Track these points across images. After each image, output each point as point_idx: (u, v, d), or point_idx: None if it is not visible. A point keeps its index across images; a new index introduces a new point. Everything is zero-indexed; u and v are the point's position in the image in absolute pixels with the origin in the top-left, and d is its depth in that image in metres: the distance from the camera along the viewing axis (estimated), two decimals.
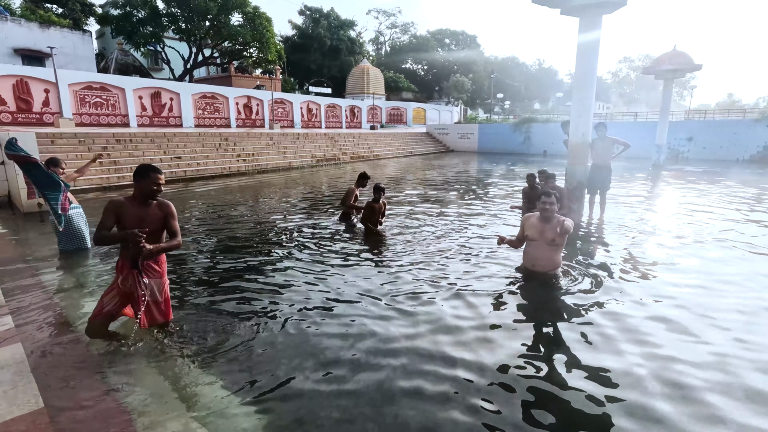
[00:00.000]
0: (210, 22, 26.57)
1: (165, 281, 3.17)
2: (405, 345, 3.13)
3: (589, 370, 2.80)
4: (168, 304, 3.23)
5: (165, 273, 3.19)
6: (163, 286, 3.14)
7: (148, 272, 3.04)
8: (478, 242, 5.86)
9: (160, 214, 3.01)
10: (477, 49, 59.13)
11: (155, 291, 3.08)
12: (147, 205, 2.98)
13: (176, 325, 3.36)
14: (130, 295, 3.03)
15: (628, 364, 2.86)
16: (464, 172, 15.91)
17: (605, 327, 3.38)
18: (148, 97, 19.34)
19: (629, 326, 3.40)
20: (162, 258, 3.16)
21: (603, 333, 3.29)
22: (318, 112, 28.87)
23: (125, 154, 12.96)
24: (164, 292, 3.16)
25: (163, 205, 3.04)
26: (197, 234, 6.52)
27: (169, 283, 3.25)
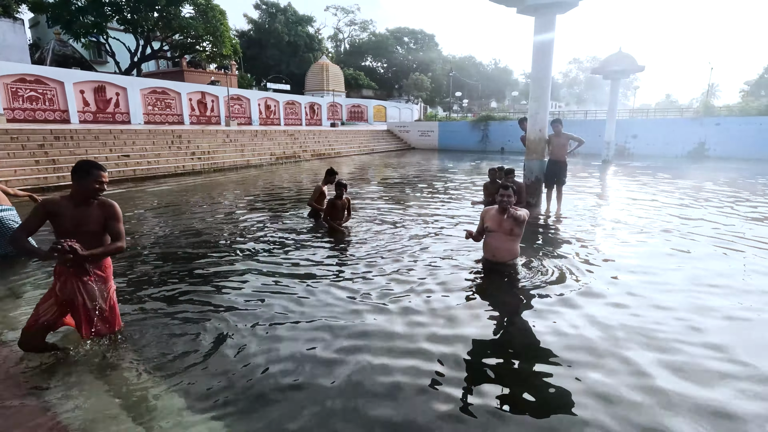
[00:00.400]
0: (158, 14, 25.19)
1: (111, 286, 2.92)
2: (373, 343, 3.06)
3: (550, 353, 2.87)
4: (115, 311, 2.97)
5: (111, 277, 2.93)
6: (109, 291, 2.89)
7: (91, 278, 2.78)
8: (442, 237, 5.89)
9: (101, 215, 2.76)
10: (435, 48, 59.96)
11: (99, 298, 2.82)
12: (87, 205, 2.71)
13: (125, 334, 3.11)
14: (70, 303, 2.75)
15: (587, 346, 2.97)
16: (426, 169, 16.04)
17: (564, 312, 3.50)
18: (91, 91, 18.07)
19: (587, 312, 3.52)
20: (107, 261, 2.90)
21: (563, 318, 3.39)
22: (277, 109, 28.18)
23: (65, 152, 12.03)
24: (110, 298, 2.90)
25: (105, 206, 2.78)
26: (149, 236, 6.13)
27: (116, 288, 3.00)
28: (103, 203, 2.78)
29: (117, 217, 2.82)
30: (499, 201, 4.33)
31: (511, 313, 3.65)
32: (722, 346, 2.99)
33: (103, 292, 2.85)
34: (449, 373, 2.69)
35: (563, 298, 3.82)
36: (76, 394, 2.47)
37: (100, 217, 2.76)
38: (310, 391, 2.52)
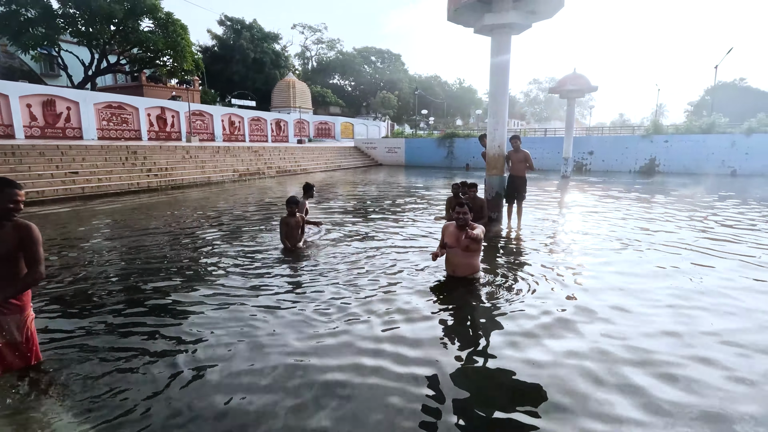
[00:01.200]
0: (116, 27, 24.39)
1: (28, 315, 2.61)
2: (332, 362, 2.87)
3: (509, 361, 2.77)
4: (33, 343, 2.68)
5: (28, 305, 2.63)
6: (25, 322, 2.59)
7: (3, 308, 2.48)
8: (403, 252, 5.78)
9: (15, 237, 2.47)
10: (402, 68, 61.23)
11: (12, 329, 2.53)
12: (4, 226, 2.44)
13: (47, 369, 2.78)
14: None
15: (544, 354, 2.91)
16: (391, 184, 16.05)
17: (524, 323, 3.45)
18: (39, 105, 17.12)
19: (545, 322, 3.50)
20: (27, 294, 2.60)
21: (522, 329, 3.34)
22: (241, 125, 27.68)
23: (6, 168, 11.23)
24: (26, 329, 2.61)
25: (20, 228, 2.49)
26: (91, 258, 5.69)
27: (34, 317, 2.68)
28: (17, 225, 2.49)
29: (34, 239, 2.52)
30: (455, 218, 4.44)
31: (473, 328, 3.57)
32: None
33: (18, 322, 2.55)
34: (408, 394, 2.54)
35: (523, 312, 3.77)
36: None
37: (14, 240, 2.47)
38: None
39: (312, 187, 6.75)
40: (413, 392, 2.62)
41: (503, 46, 7.43)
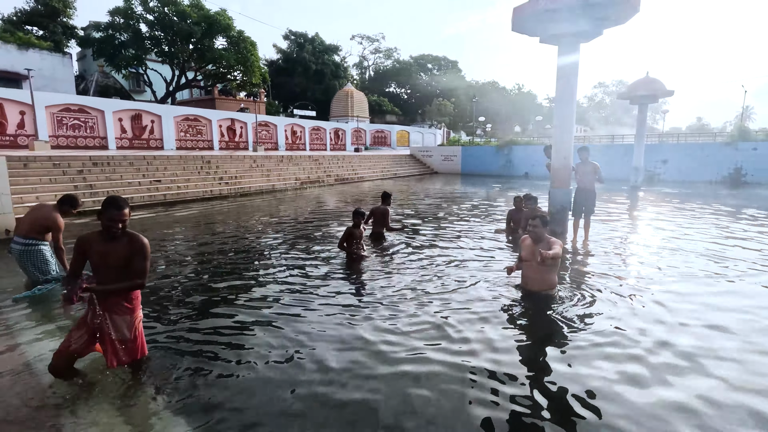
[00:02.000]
0: (194, 46, 26.63)
1: (137, 316, 2.93)
2: (397, 369, 2.97)
3: (573, 384, 2.70)
4: (140, 341, 2.98)
5: (138, 307, 2.95)
6: (134, 322, 2.90)
7: (116, 309, 2.82)
8: (467, 265, 5.77)
9: (126, 250, 2.74)
10: (458, 74, 60.83)
11: (123, 329, 2.85)
12: (114, 240, 2.72)
13: (149, 364, 3.14)
14: (100, 331, 2.81)
15: (614, 378, 2.79)
16: (449, 193, 15.98)
17: (598, 344, 3.33)
18: (128, 119, 19.06)
19: (619, 342, 3.36)
20: (135, 293, 2.92)
21: (594, 350, 3.22)
22: (302, 134, 28.92)
23: (102, 177, 12.62)
24: (135, 328, 2.91)
25: (134, 242, 2.77)
26: (175, 262, 6.27)
27: (142, 318, 3.03)
28: (132, 239, 2.78)
29: (143, 254, 2.78)
30: (529, 232, 4.43)
31: (539, 341, 3.51)
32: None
33: (129, 323, 2.87)
34: (480, 395, 2.57)
35: (597, 330, 3.64)
36: (96, 427, 2.47)
37: (125, 253, 2.74)
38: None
39: (390, 196, 7.40)
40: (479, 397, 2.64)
41: (571, 53, 7.21)
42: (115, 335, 2.81)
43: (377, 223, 7.27)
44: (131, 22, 25.57)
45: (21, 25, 29.97)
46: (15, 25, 29.61)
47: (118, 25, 25.47)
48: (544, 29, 7.35)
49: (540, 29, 7.46)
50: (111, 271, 2.70)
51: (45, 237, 4.81)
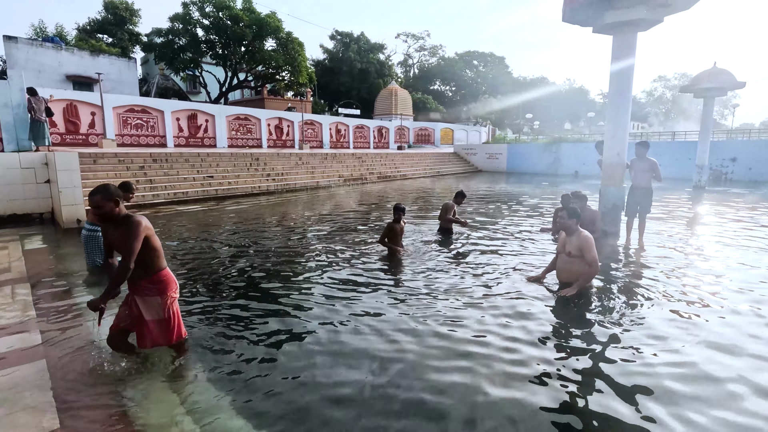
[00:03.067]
0: (245, 48, 27.76)
1: (168, 298, 2.98)
2: (430, 363, 2.96)
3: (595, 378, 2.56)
4: (175, 322, 3.03)
5: (167, 290, 2.98)
6: (165, 303, 2.96)
7: (142, 292, 2.93)
8: (509, 261, 5.62)
9: (123, 233, 2.75)
10: (505, 70, 59.20)
11: (154, 309, 2.94)
12: (118, 226, 2.79)
13: (195, 343, 3.32)
14: (135, 312, 2.95)
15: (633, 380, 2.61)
16: (495, 191, 15.62)
17: (639, 349, 3.12)
18: (185, 118, 20.19)
19: (661, 351, 3.13)
20: (159, 275, 2.96)
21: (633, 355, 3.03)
22: (346, 132, 29.33)
23: (161, 173, 13.47)
24: (167, 309, 2.98)
25: (127, 224, 2.76)
26: (225, 252, 6.58)
27: (175, 299, 3.06)
28: (129, 221, 2.77)
29: (131, 232, 2.73)
30: (557, 223, 4.83)
31: (567, 337, 3.36)
32: None
33: (160, 303, 2.94)
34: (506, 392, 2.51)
35: (634, 335, 3.43)
36: (147, 400, 2.66)
37: (124, 236, 2.75)
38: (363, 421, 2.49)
39: (464, 196, 7.67)
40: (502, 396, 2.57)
41: (627, 44, 6.81)
42: (147, 316, 2.92)
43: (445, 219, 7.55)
44: (189, 27, 27.09)
45: (93, 33, 32.62)
46: (88, 34, 32.28)
47: (177, 30, 27.06)
48: (598, 18, 6.99)
49: (594, 18, 7.11)
50: (126, 257, 2.74)
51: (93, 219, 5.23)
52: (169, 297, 2.99)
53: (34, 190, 9.29)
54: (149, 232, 2.85)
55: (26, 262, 5.73)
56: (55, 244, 7.08)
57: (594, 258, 4.25)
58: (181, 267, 5.63)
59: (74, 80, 23.84)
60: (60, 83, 22.96)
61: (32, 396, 2.56)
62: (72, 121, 16.62)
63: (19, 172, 9.10)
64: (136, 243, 2.73)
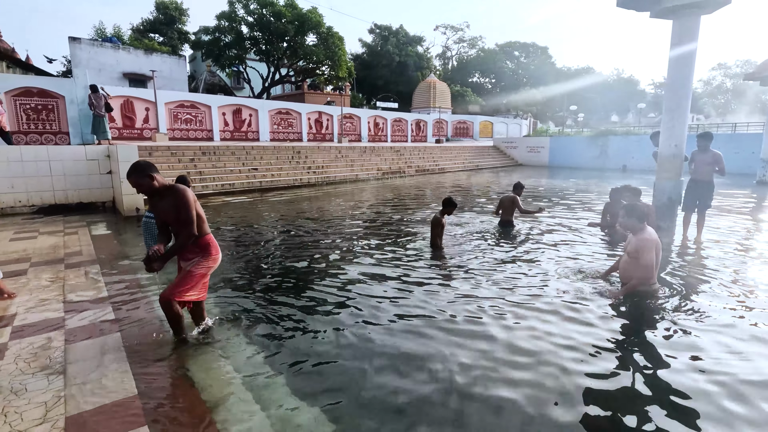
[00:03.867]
0: (287, 43, 28.36)
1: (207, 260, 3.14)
2: (480, 363, 2.97)
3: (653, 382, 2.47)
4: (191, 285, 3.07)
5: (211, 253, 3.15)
6: (200, 263, 3.12)
7: (185, 256, 3.15)
8: (555, 256, 5.50)
9: (171, 204, 2.90)
10: (548, 61, 57.14)
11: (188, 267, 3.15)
12: (162, 199, 2.95)
13: (250, 324, 3.49)
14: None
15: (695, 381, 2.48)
16: (537, 186, 15.21)
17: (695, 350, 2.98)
18: (231, 113, 20.94)
19: (715, 354, 2.96)
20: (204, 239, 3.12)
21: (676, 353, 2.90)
22: (384, 126, 29.39)
23: (209, 165, 14.08)
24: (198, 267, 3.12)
25: (174, 195, 2.90)
26: (269, 241, 6.82)
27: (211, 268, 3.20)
28: (173, 190, 2.91)
29: (181, 203, 2.86)
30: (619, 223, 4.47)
31: (624, 339, 3.26)
32: None
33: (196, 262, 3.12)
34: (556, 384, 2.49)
35: (693, 341, 3.28)
36: (212, 373, 2.84)
37: (172, 207, 2.90)
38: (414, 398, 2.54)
39: (522, 187, 7.51)
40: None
41: (689, 29, 6.42)
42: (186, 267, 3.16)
43: (506, 211, 7.43)
44: (234, 25, 27.99)
45: (146, 33, 34.40)
46: (142, 34, 34.08)
47: (223, 28, 28.03)
48: (656, 2, 6.62)
49: (652, 2, 6.74)
50: (171, 227, 2.99)
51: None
52: (209, 259, 3.15)
53: (98, 180, 9.99)
54: (195, 199, 3.00)
55: (94, 246, 6.19)
56: (118, 231, 7.60)
57: (648, 262, 4.01)
58: (232, 255, 5.90)
59: (130, 78, 25.26)
60: (117, 81, 24.41)
61: (113, 364, 2.80)
62: (128, 117, 17.65)
63: (85, 163, 9.81)
64: (191, 211, 2.90)
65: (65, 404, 2.36)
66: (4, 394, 2.43)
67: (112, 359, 2.86)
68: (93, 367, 2.74)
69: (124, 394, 2.47)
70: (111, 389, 2.51)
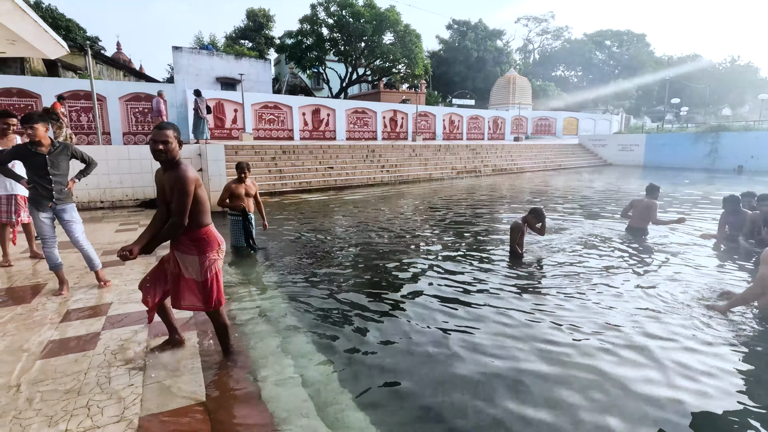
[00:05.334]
0: (365, 43, 28.79)
1: (207, 259, 2.71)
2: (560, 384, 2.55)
3: None
4: (214, 286, 2.75)
5: (207, 250, 2.70)
6: (204, 264, 2.70)
7: (182, 247, 2.71)
8: (664, 278, 4.75)
9: (172, 182, 2.54)
10: (646, 49, 51.70)
11: (191, 267, 2.71)
12: (167, 170, 2.60)
13: (324, 332, 3.38)
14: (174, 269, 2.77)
15: None
16: (631, 188, 13.70)
17: None
18: (310, 113, 21.73)
19: None
20: (200, 233, 2.67)
21: None
22: (460, 123, 28.63)
23: (288, 163, 14.66)
24: (205, 271, 2.71)
25: (177, 172, 2.53)
26: (342, 236, 6.80)
27: (215, 261, 2.76)
28: (177, 167, 2.56)
29: (179, 186, 2.49)
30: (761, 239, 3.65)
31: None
32: None
33: (196, 264, 2.69)
34: None
35: None
36: (278, 383, 2.75)
37: (171, 184, 2.55)
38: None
39: (658, 188, 6.63)
40: None
41: None
42: (186, 274, 2.72)
43: (639, 217, 6.65)
44: (315, 27, 29.05)
45: (237, 39, 37.09)
46: (234, 41, 36.81)
47: (305, 31, 29.22)
48: None
49: None
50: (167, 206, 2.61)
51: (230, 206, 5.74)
52: (208, 258, 2.72)
53: None
54: (198, 184, 2.60)
55: None
56: None
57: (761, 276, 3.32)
58: (306, 252, 5.94)
59: (222, 81, 27.37)
60: (211, 84, 26.58)
61: (187, 366, 2.83)
62: (219, 118, 19.05)
63: None
64: (187, 199, 2.52)
65: (141, 403, 2.40)
66: (90, 386, 2.54)
67: (186, 361, 2.89)
68: (169, 368, 2.79)
69: (194, 400, 2.46)
70: (183, 393, 2.52)
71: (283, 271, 5.14)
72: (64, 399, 2.41)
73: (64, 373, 2.67)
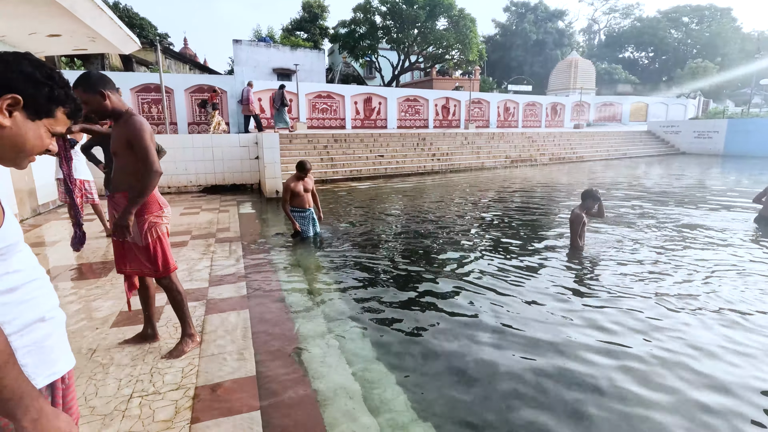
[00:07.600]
0: (418, 30, 28.34)
1: (146, 222, 2.53)
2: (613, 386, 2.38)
3: None
4: (159, 252, 2.60)
5: (144, 211, 2.52)
6: (142, 228, 2.53)
7: (118, 206, 2.57)
8: (731, 274, 4.29)
9: (124, 133, 2.40)
10: (731, 25, 46.48)
11: (132, 232, 2.50)
12: (116, 121, 2.46)
13: (374, 320, 3.41)
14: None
15: None
16: (711, 183, 12.50)
17: None
18: (362, 102, 21.84)
19: None
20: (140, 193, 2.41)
21: None
22: (516, 111, 27.50)
23: (340, 152, 14.88)
24: (145, 235, 2.54)
25: (128, 121, 2.40)
26: (391, 224, 6.79)
27: (159, 225, 2.59)
28: (127, 118, 2.41)
29: (134, 130, 2.36)
30: None
31: None
32: None
33: (135, 226, 2.50)
34: None
35: None
36: (324, 362, 2.81)
37: (123, 135, 2.41)
38: None
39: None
40: None
41: None
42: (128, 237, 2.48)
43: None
44: (368, 16, 28.98)
45: (293, 31, 37.97)
46: (290, 32, 37.72)
47: (358, 20, 29.26)
48: None
49: None
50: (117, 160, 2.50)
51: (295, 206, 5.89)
52: (147, 221, 2.53)
53: (248, 165, 11.30)
54: (151, 135, 2.45)
55: (240, 223, 6.94)
56: (260, 211, 8.45)
57: None
58: (355, 238, 6.01)
59: (278, 72, 28.21)
60: (268, 75, 27.48)
61: (239, 341, 2.97)
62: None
63: (238, 150, 11.16)
64: (145, 138, 2.37)
65: (197, 374, 2.55)
66: (155, 355, 2.74)
67: (239, 336, 3.03)
68: (223, 342, 2.94)
69: (244, 373, 2.57)
70: (235, 367, 2.64)
71: (335, 257, 5.23)
72: (131, 365, 2.62)
73: (132, 342, 2.90)
